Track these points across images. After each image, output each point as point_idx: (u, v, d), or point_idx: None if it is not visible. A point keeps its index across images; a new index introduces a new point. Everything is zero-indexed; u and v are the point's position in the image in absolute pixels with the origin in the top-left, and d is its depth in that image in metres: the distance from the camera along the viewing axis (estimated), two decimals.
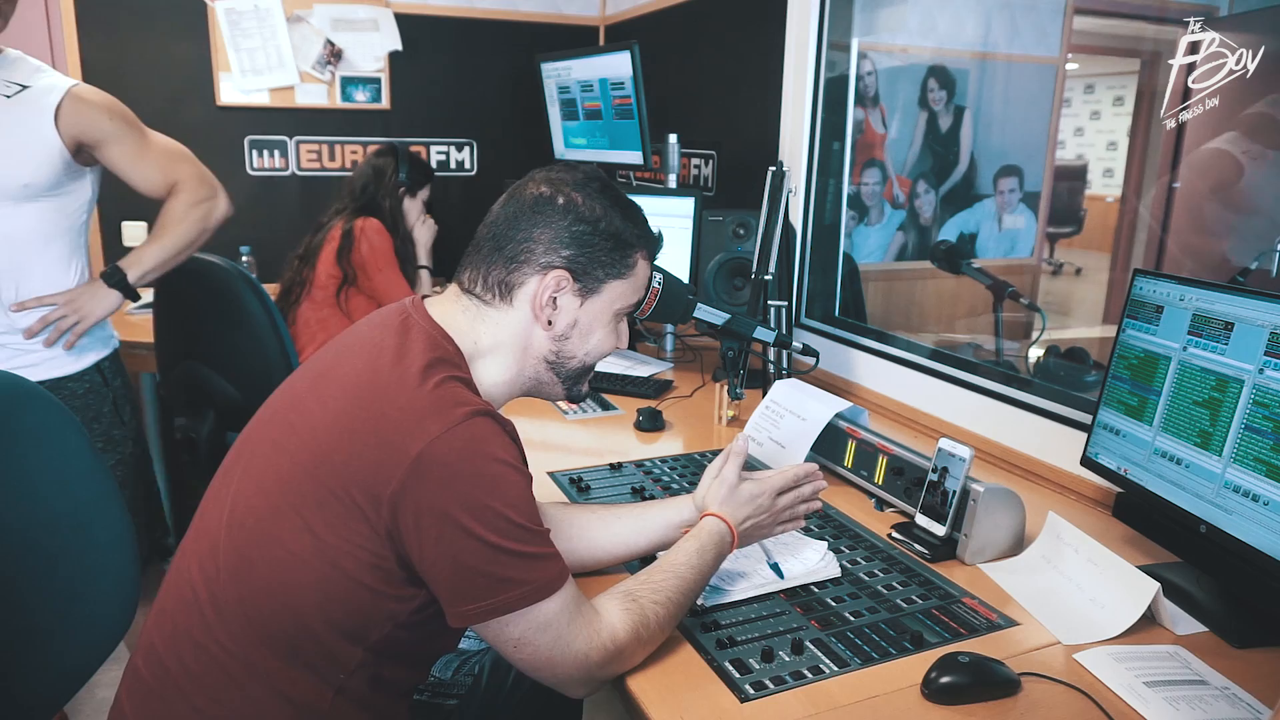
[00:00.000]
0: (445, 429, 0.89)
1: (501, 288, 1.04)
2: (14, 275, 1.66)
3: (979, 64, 2.65)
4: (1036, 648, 1.07)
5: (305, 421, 0.96)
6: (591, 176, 1.09)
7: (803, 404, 1.63)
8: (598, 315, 1.09)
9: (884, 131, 2.62)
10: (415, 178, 2.71)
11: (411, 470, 0.88)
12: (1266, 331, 1.06)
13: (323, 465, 0.91)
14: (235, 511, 0.98)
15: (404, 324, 1.01)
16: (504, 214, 1.06)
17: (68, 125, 1.66)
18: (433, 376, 0.94)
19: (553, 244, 1.03)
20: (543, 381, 1.10)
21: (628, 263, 1.08)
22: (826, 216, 2.38)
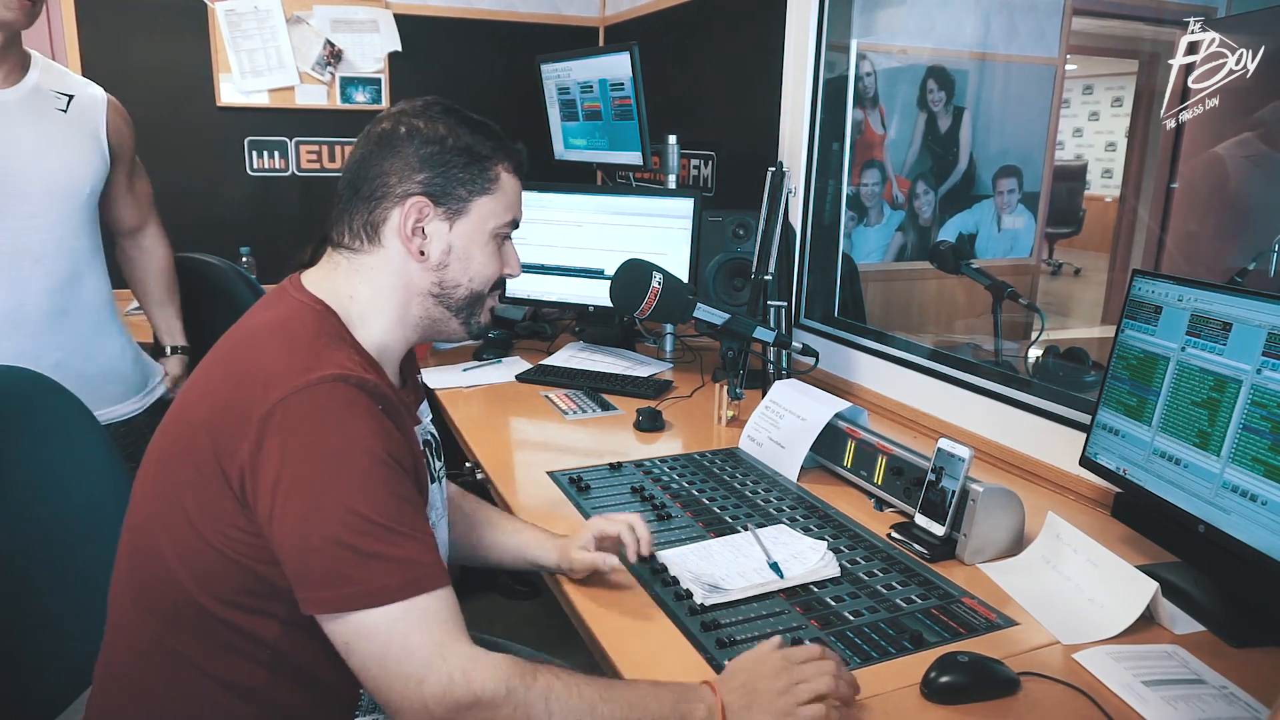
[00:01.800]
0: (288, 393, 0.86)
1: (368, 230, 1.02)
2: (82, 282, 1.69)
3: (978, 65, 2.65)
4: (1035, 647, 1.07)
5: (182, 411, 0.97)
6: (433, 103, 1.06)
7: (802, 404, 1.63)
8: (472, 237, 1.05)
9: (883, 132, 2.62)
10: None
11: (256, 437, 0.85)
12: (1264, 332, 1.06)
13: (192, 447, 0.90)
14: (132, 508, 1.00)
15: (277, 296, 1.03)
16: (355, 158, 1.05)
17: (113, 135, 1.72)
18: (294, 339, 0.94)
19: (405, 172, 1.01)
20: (435, 319, 1.07)
21: (488, 176, 1.05)
22: (826, 217, 2.38)
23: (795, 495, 1.51)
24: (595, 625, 1.11)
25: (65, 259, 1.64)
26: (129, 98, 3.11)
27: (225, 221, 3.20)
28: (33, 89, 1.61)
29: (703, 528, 1.37)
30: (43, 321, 1.62)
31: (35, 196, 1.58)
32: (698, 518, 1.40)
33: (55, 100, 1.63)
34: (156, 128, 3.06)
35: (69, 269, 1.65)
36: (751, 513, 1.43)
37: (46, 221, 1.60)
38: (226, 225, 3.19)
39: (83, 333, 1.68)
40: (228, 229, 3.17)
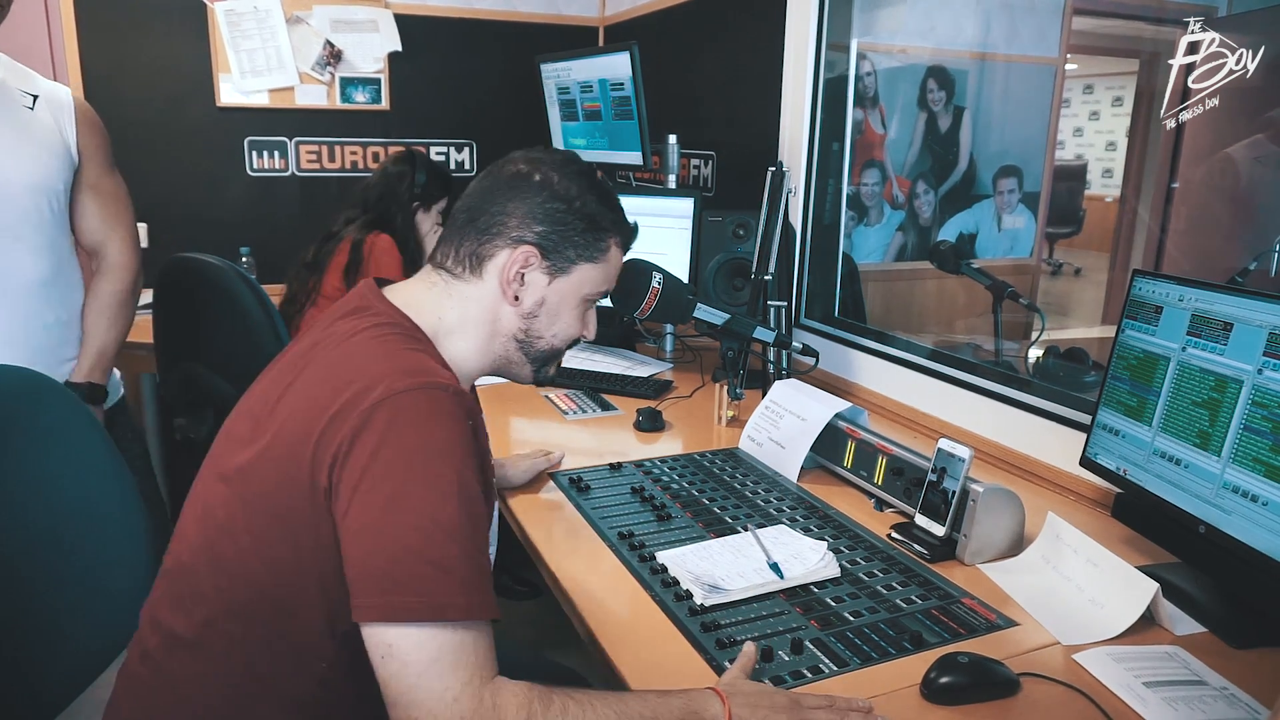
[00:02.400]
0: (391, 393, 0.86)
1: (472, 260, 1.04)
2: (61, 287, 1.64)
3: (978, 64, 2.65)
4: (1036, 648, 1.07)
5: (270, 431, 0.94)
6: (570, 158, 1.09)
7: (802, 404, 1.63)
8: (565, 297, 1.08)
9: (883, 132, 2.62)
10: (431, 189, 2.66)
11: (352, 431, 0.85)
12: (1265, 332, 1.06)
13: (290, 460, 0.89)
14: (207, 506, 0.98)
15: (358, 307, 1.03)
16: (479, 188, 1.07)
17: (81, 139, 1.65)
18: (389, 346, 0.94)
19: (526, 219, 1.04)
20: (511, 361, 1.09)
21: (600, 247, 1.08)
22: (826, 217, 2.38)
23: (795, 495, 1.51)
24: (595, 625, 1.11)
25: (40, 259, 1.59)
26: (129, 98, 3.13)
27: (225, 221, 3.20)
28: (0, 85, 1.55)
29: (703, 528, 1.37)
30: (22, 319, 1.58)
31: (11, 201, 1.53)
32: (698, 518, 1.40)
33: (21, 99, 1.57)
34: (156, 128, 3.07)
35: (46, 270, 1.60)
36: (751, 513, 1.43)
37: (17, 221, 1.54)
38: (226, 225, 3.19)
39: (54, 337, 1.64)
40: (228, 229, 3.17)
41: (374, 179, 2.65)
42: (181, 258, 2.08)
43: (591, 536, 1.34)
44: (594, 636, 1.09)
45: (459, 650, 0.82)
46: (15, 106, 1.56)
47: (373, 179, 2.65)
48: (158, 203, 3.09)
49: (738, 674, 0.96)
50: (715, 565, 1.23)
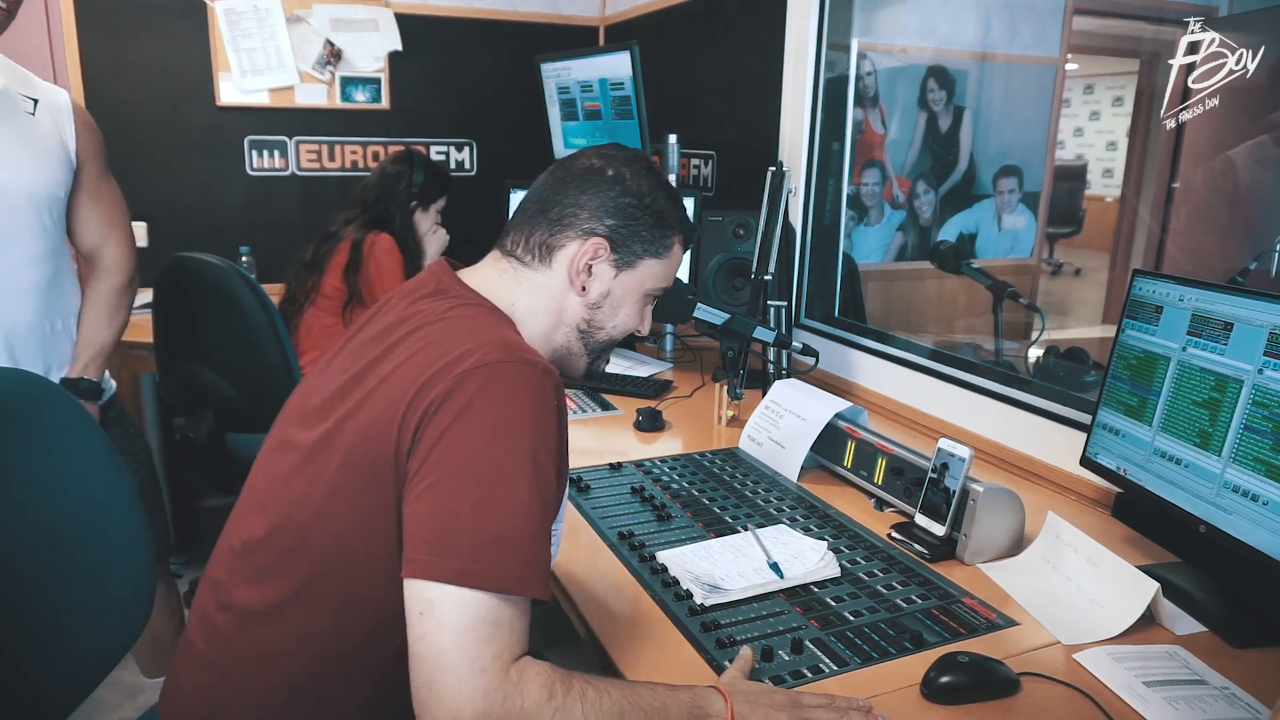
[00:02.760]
0: (489, 361, 0.88)
1: (542, 249, 1.07)
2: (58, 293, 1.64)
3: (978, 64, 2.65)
4: (1036, 647, 1.07)
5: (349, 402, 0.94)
6: (640, 156, 1.13)
7: (802, 404, 1.63)
8: (629, 290, 1.11)
9: (883, 132, 2.62)
10: (430, 188, 2.66)
11: (444, 391, 0.86)
12: (1266, 332, 1.06)
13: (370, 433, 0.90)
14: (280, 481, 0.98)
15: (437, 289, 1.04)
16: (552, 180, 1.10)
17: (80, 143, 1.66)
18: (482, 320, 0.97)
19: (598, 212, 1.07)
20: (571, 352, 1.11)
21: (666, 243, 1.11)
22: (826, 217, 2.38)
23: (795, 495, 1.51)
24: (595, 625, 1.11)
25: (38, 266, 1.59)
26: (129, 98, 3.13)
27: (225, 221, 3.20)
28: (2, 91, 1.55)
29: (703, 528, 1.37)
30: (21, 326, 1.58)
31: (9, 206, 1.52)
32: (698, 518, 1.40)
33: (22, 104, 1.57)
34: (156, 128, 3.07)
35: (43, 276, 1.60)
36: (751, 513, 1.43)
37: (20, 225, 1.54)
38: (226, 225, 3.19)
39: (52, 343, 1.65)
40: (228, 229, 3.17)
41: (372, 179, 2.65)
42: (181, 257, 2.08)
43: (591, 536, 1.34)
44: (594, 636, 1.09)
45: (498, 622, 0.81)
46: (17, 112, 1.56)
47: (371, 179, 2.65)
48: (158, 202, 3.09)
49: (736, 674, 0.97)
50: (715, 565, 1.23)
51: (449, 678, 0.79)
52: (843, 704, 0.92)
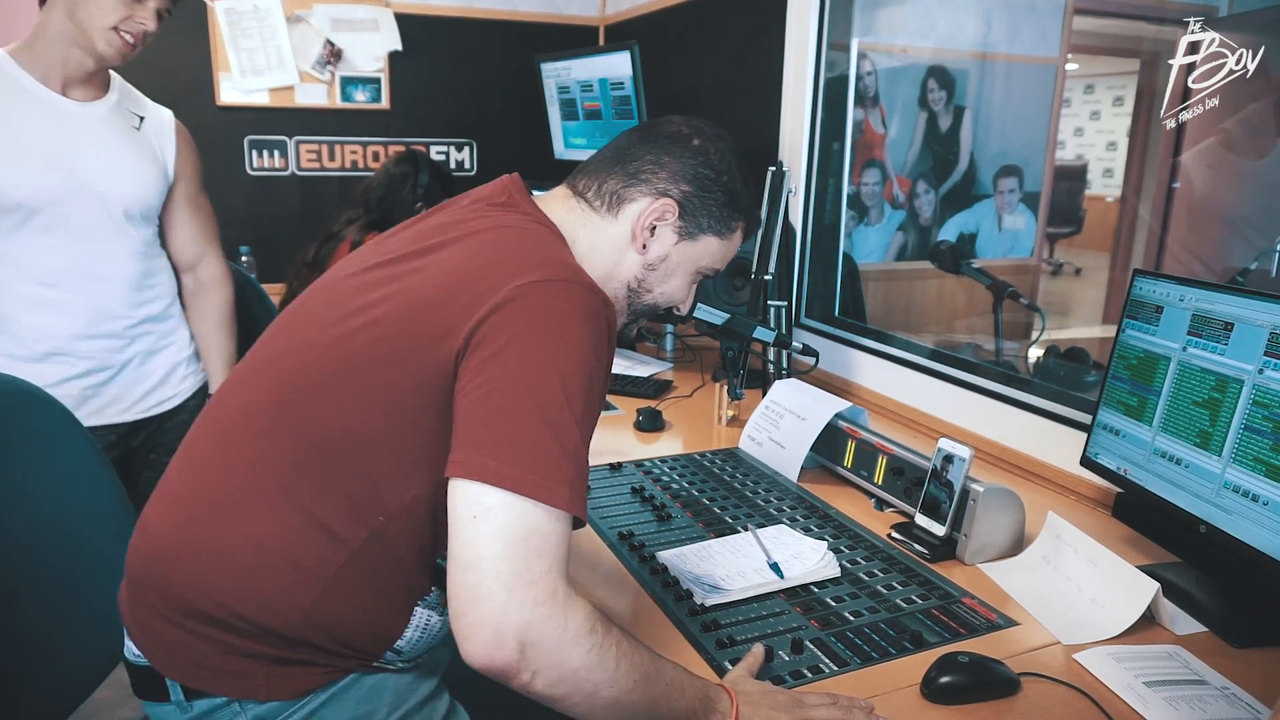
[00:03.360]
0: (549, 278, 0.87)
1: (613, 198, 1.06)
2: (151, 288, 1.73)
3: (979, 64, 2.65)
4: (1036, 648, 1.07)
5: (396, 284, 0.93)
6: (725, 135, 1.11)
7: (802, 404, 1.63)
8: (685, 261, 1.10)
9: (884, 131, 2.62)
10: (434, 189, 2.66)
11: (503, 299, 0.85)
12: (1266, 332, 1.06)
13: (416, 316, 0.89)
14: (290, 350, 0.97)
15: (508, 201, 1.04)
16: (635, 137, 1.09)
17: (178, 159, 1.77)
18: (553, 249, 0.96)
19: (676, 175, 1.06)
20: (616, 307, 1.08)
21: (731, 224, 1.10)
22: (826, 216, 2.38)
23: (795, 495, 1.51)
24: None
25: (146, 266, 1.71)
26: None
27: (225, 221, 3.15)
28: (115, 105, 1.68)
29: (703, 528, 1.37)
30: (127, 326, 1.68)
31: (111, 210, 1.63)
32: (698, 518, 1.40)
33: (130, 120, 1.70)
34: None
35: (151, 276, 1.72)
36: (751, 513, 1.43)
37: (119, 234, 1.65)
38: (226, 225, 3.14)
39: (160, 333, 1.76)
40: (228, 229, 3.12)
41: (376, 179, 2.65)
42: None
43: (591, 536, 1.34)
44: None
45: (548, 538, 0.80)
46: (126, 127, 1.69)
47: (375, 179, 2.65)
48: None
49: (742, 673, 0.97)
50: (715, 565, 1.23)
51: (498, 584, 0.77)
52: (845, 703, 0.92)
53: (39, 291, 1.59)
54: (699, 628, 1.08)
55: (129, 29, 1.56)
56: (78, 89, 1.61)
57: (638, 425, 1.85)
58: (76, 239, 1.60)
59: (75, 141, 1.59)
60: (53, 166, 1.55)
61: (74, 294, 1.61)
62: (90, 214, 1.60)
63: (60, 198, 1.56)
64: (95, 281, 1.63)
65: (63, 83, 1.59)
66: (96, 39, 1.54)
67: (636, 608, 1.15)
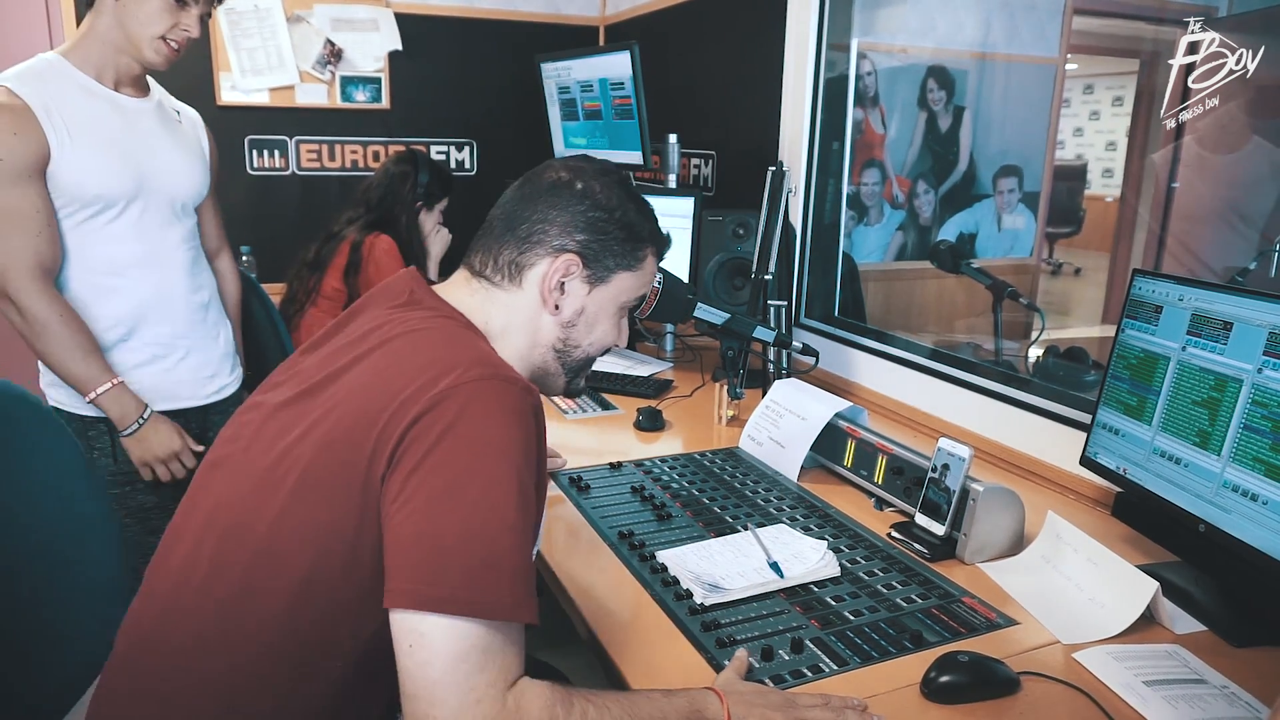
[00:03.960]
0: (469, 379, 0.85)
1: (512, 268, 1.04)
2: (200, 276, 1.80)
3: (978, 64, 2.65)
4: (1036, 647, 1.07)
5: (315, 410, 0.92)
6: (609, 169, 1.09)
7: (802, 404, 1.63)
8: (604, 306, 1.08)
9: (883, 131, 2.62)
10: (434, 189, 2.66)
11: (423, 409, 0.83)
12: (1265, 331, 1.06)
13: (335, 444, 0.87)
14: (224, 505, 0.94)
15: (410, 299, 1.02)
16: (518, 195, 1.07)
17: (211, 154, 1.86)
18: (466, 342, 0.94)
19: (567, 227, 1.03)
20: (549, 372, 1.09)
21: (638, 255, 1.08)
22: (826, 216, 2.38)
23: (795, 495, 1.51)
24: (596, 625, 1.11)
25: (195, 254, 1.79)
26: None
27: (225, 221, 3.18)
28: (159, 103, 1.74)
29: (703, 527, 1.37)
30: (187, 311, 1.75)
31: (171, 199, 1.71)
32: (698, 517, 1.40)
33: (172, 115, 1.78)
34: None
35: (198, 263, 1.80)
36: (751, 512, 1.43)
37: (176, 222, 1.73)
38: (227, 225, 3.17)
39: (212, 321, 1.83)
40: (228, 228, 3.15)
41: (376, 179, 2.65)
42: None
43: (591, 536, 1.34)
44: (594, 636, 1.09)
45: (490, 650, 0.79)
46: (170, 122, 1.76)
47: (375, 179, 2.65)
48: None
49: (732, 675, 0.97)
50: (715, 564, 1.23)
51: (445, 711, 0.77)
52: (838, 704, 0.92)
53: (107, 280, 1.63)
54: (699, 627, 1.08)
55: (175, 37, 1.61)
56: (128, 88, 1.67)
57: (638, 425, 1.85)
58: (142, 230, 1.66)
59: (140, 136, 1.66)
60: (125, 161, 1.61)
61: (140, 282, 1.66)
62: (155, 206, 1.67)
63: (133, 191, 1.63)
64: (159, 269, 1.69)
65: (115, 82, 1.64)
66: (144, 47, 1.59)
67: (636, 607, 1.15)
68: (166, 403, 1.70)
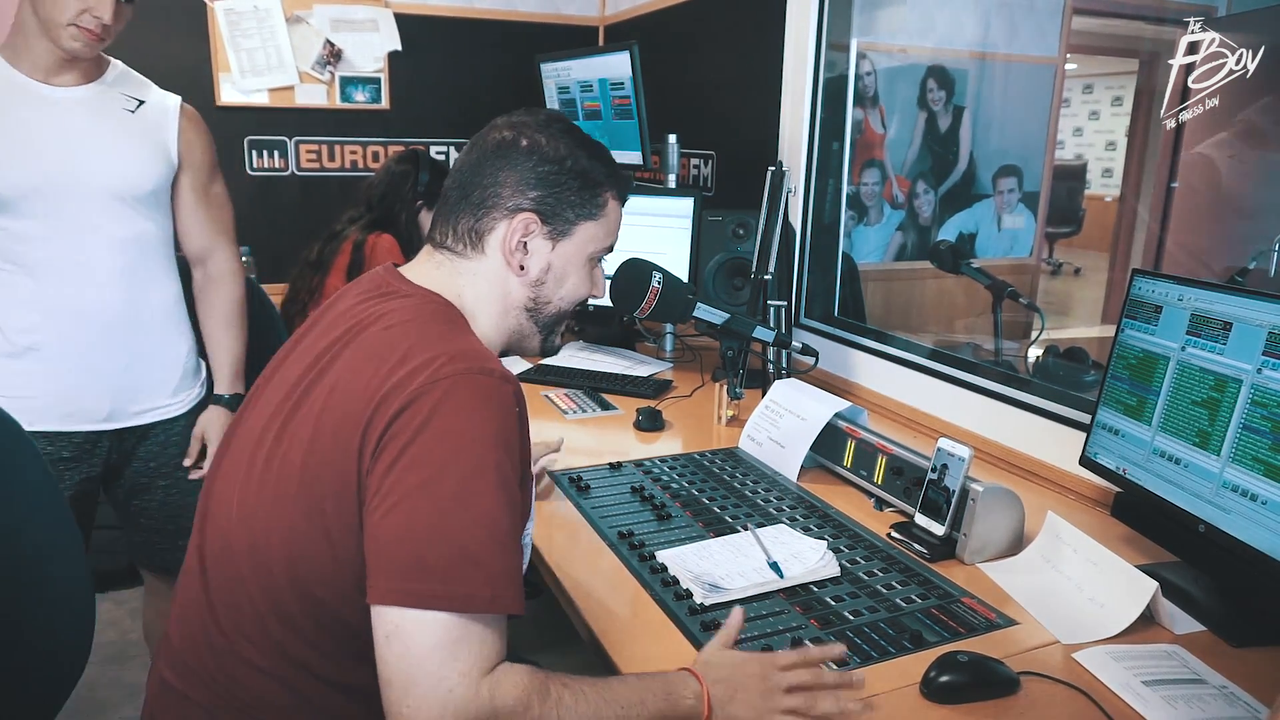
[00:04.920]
0: (446, 375, 0.85)
1: (471, 236, 1.03)
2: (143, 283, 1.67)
3: (978, 64, 2.65)
4: (1035, 647, 1.07)
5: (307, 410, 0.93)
6: (554, 118, 1.07)
7: (802, 404, 1.63)
8: (570, 258, 1.06)
9: (883, 131, 2.62)
10: (435, 188, 2.66)
11: (400, 406, 0.84)
12: (1265, 331, 1.06)
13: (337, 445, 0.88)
14: (242, 508, 0.95)
15: (384, 288, 1.01)
16: (468, 162, 1.05)
17: (183, 144, 1.71)
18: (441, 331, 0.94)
19: (519, 186, 1.02)
20: (523, 333, 1.08)
21: (597, 202, 1.06)
22: (826, 216, 2.38)
23: (795, 495, 1.51)
24: (595, 625, 1.11)
25: (125, 259, 1.63)
26: None
27: None
28: (100, 90, 1.62)
29: (703, 528, 1.37)
30: (107, 323, 1.62)
31: (95, 196, 1.58)
32: (698, 518, 1.40)
33: (124, 102, 1.64)
34: None
35: (130, 270, 1.64)
36: (751, 512, 1.43)
37: (106, 221, 1.59)
38: None
39: (149, 337, 1.69)
40: None
41: (378, 178, 2.65)
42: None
43: (591, 536, 1.34)
44: (594, 636, 1.09)
45: (465, 640, 0.80)
46: (115, 109, 1.62)
47: (376, 178, 2.65)
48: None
49: (715, 646, 0.97)
50: (715, 565, 1.23)
51: (417, 700, 0.78)
52: (815, 656, 0.95)
53: (19, 282, 1.54)
54: (699, 627, 1.08)
55: (85, 23, 1.50)
56: (62, 76, 1.57)
57: (637, 425, 1.85)
58: (56, 229, 1.54)
59: (56, 127, 1.55)
60: (28, 154, 1.51)
61: (58, 287, 1.55)
62: (71, 202, 1.55)
63: (41, 185, 1.52)
64: (80, 272, 1.57)
65: (45, 72, 1.56)
66: (59, 34, 1.51)
67: (636, 607, 1.15)
68: (70, 422, 1.59)
